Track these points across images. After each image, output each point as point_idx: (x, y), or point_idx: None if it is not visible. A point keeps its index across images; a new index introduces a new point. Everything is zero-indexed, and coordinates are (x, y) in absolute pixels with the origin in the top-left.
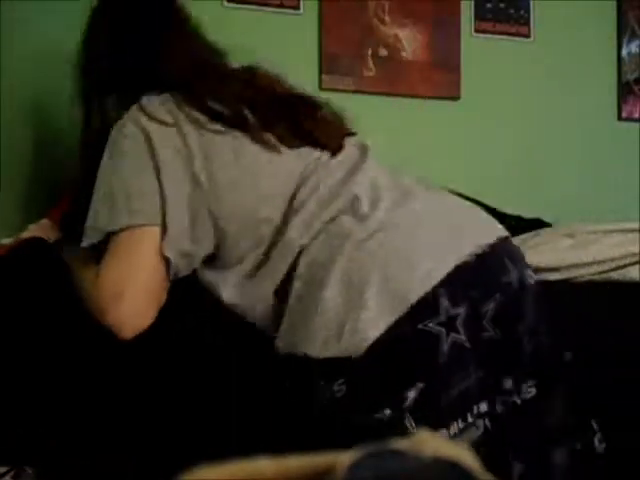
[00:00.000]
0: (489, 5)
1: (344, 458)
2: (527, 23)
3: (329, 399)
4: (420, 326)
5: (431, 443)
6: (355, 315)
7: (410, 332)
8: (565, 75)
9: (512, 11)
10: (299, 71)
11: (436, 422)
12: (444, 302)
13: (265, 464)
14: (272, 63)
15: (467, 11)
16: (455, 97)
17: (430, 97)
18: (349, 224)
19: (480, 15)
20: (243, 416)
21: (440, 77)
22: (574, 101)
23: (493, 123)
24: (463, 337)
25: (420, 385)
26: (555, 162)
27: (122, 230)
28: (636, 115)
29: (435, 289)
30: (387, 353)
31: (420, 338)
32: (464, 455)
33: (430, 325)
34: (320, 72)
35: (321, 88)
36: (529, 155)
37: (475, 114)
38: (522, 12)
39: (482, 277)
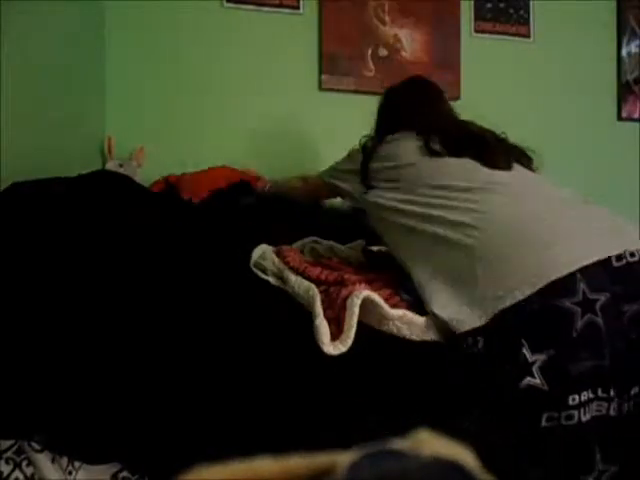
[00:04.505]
0: (489, 5)
1: (344, 458)
2: (527, 23)
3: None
4: (556, 302)
5: (431, 443)
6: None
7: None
8: (565, 75)
9: (512, 11)
10: (299, 71)
11: (566, 387)
12: (582, 286)
13: (265, 464)
14: (272, 63)
15: (467, 11)
16: (455, 97)
17: None
18: None
19: (480, 15)
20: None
21: (440, 77)
22: (574, 101)
23: (493, 123)
24: (600, 320)
25: (551, 352)
26: (555, 162)
27: None
28: (636, 115)
29: (575, 273)
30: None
31: (553, 312)
32: (464, 455)
33: (566, 303)
34: (320, 72)
35: (321, 88)
36: None
37: (475, 114)
38: (522, 12)
39: (628, 278)
